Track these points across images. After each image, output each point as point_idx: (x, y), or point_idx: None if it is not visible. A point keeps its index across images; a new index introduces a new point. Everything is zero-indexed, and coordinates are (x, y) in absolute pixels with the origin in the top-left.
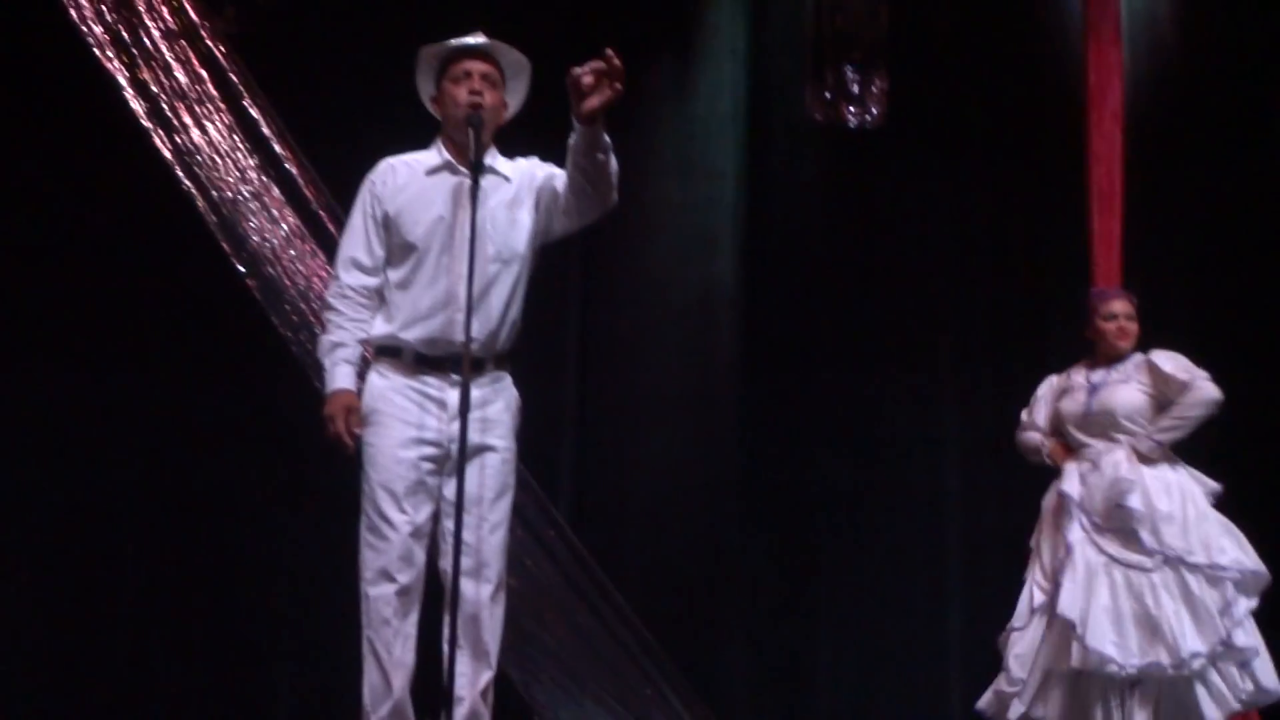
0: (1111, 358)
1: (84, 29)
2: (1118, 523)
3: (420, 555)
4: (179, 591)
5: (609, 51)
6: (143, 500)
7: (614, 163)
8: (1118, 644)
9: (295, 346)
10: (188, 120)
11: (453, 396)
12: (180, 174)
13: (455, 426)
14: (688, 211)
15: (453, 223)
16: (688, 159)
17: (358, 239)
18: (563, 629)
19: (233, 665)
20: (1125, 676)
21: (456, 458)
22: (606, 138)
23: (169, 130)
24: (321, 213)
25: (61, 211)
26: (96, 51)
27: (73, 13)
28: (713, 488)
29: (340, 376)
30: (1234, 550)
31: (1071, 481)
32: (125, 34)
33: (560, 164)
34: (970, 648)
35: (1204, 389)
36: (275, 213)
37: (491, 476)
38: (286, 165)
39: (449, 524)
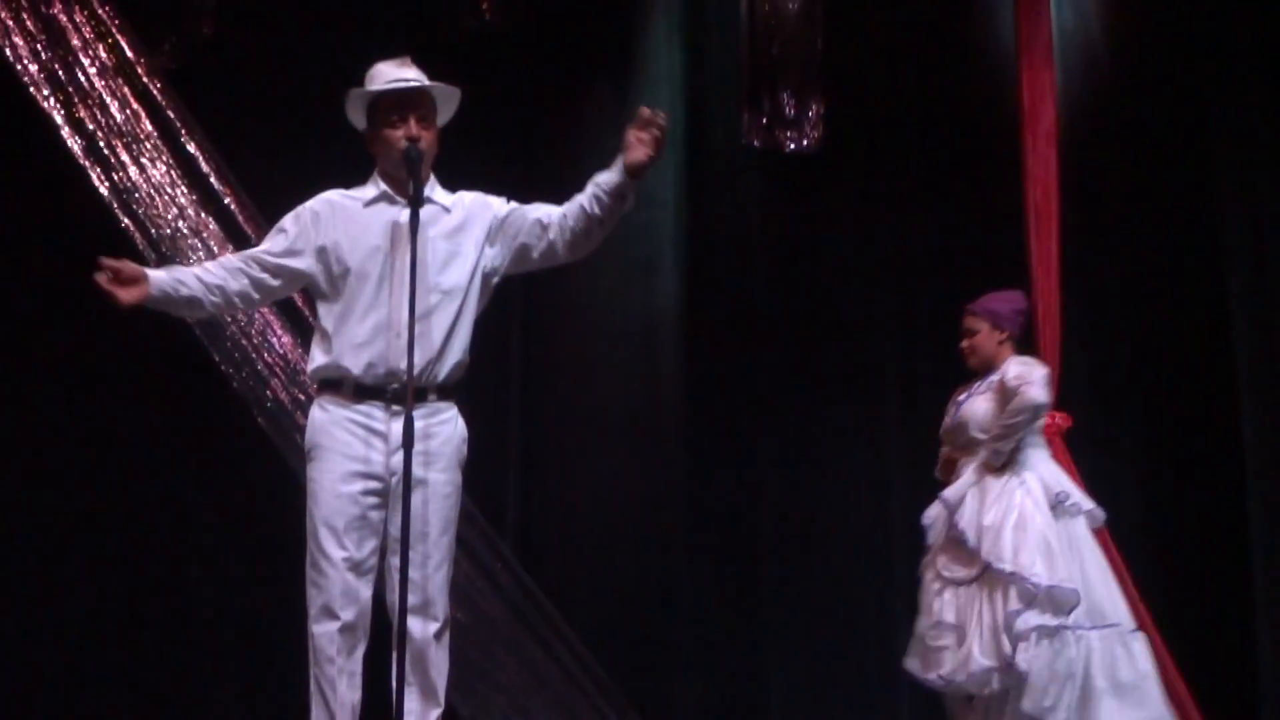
0: (982, 371)
1: (18, 67)
2: (955, 535)
3: (364, 591)
4: (124, 634)
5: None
6: (83, 533)
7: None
8: (921, 659)
9: (236, 382)
10: (125, 158)
11: (395, 428)
12: (118, 211)
13: (397, 459)
14: (628, 238)
15: (390, 252)
16: None
17: (277, 235)
18: (512, 663)
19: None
20: (951, 691)
21: (399, 491)
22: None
23: (106, 168)
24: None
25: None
26: (31, 90)
27: (6, 51)
28: (659, 516)
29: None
30: (1038, 564)
31: (930, 508)
32: (60, 72)
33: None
34: None
35: (1025, 394)
36: (215, 249)
37: (435, 511)
38: (225, 201)
39: (394, 560)
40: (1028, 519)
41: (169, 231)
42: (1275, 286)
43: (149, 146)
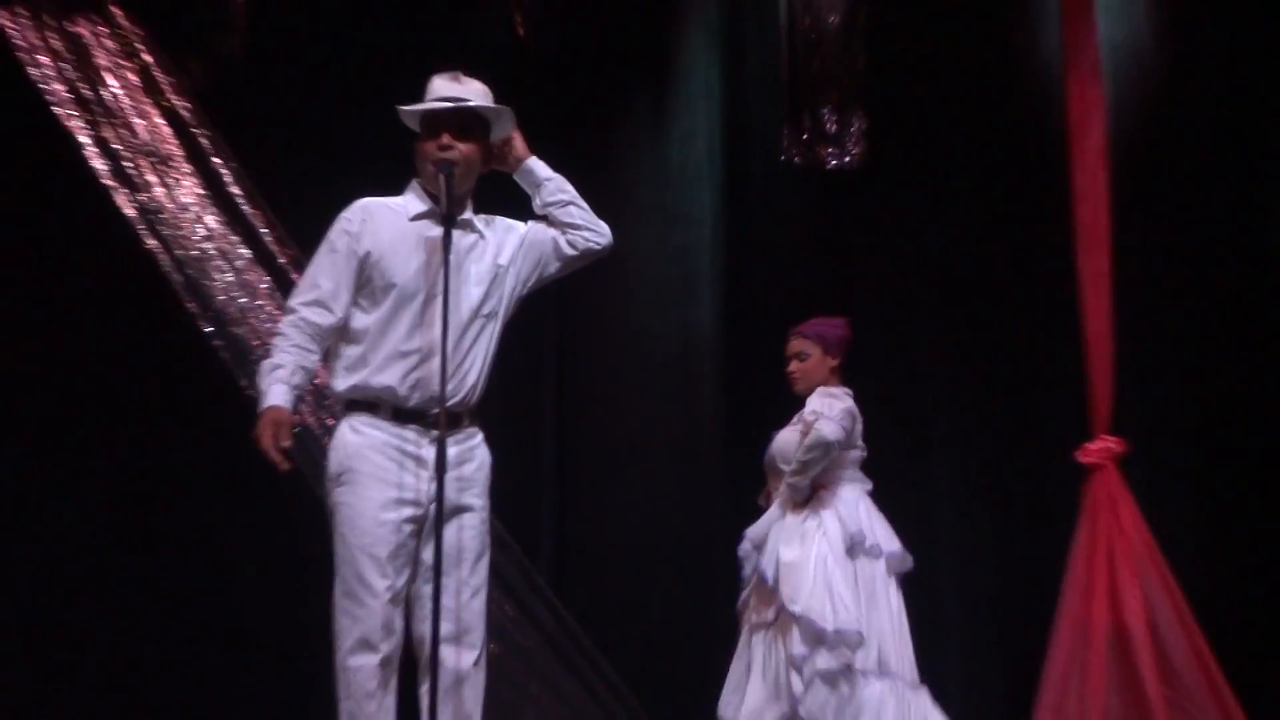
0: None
1: (44, 86)
2: (759, 574)
3: (400, 622)
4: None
5: None
6: (112, 560)
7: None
8: (734, 706)
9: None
10: (151, 178)
11: (431, 453)
12: (144, 232)
13: (434, 486)
14: (665, 259)
15: (435, 272)
16: (664, 205)
17: (324, 272)
18: (547, 698)
19: None
20: None
21: (434, 518)
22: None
23: (133, 188)
24: (289, 268)
25: (23, 272)
26: (57, 109)
27: (31, 71)
28: (699, 544)
29: (274, 395)
30: (826, 606)
31: (743, 543)
32: (86, 91)
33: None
34: (967, 701)
35: (817, 430)
36: (243, 272)
37: (470, 538)
38: (253, 222)
39: (425, 588)
40: (819, 560)
41: (196, 253)
42: None
43: (176, 167)
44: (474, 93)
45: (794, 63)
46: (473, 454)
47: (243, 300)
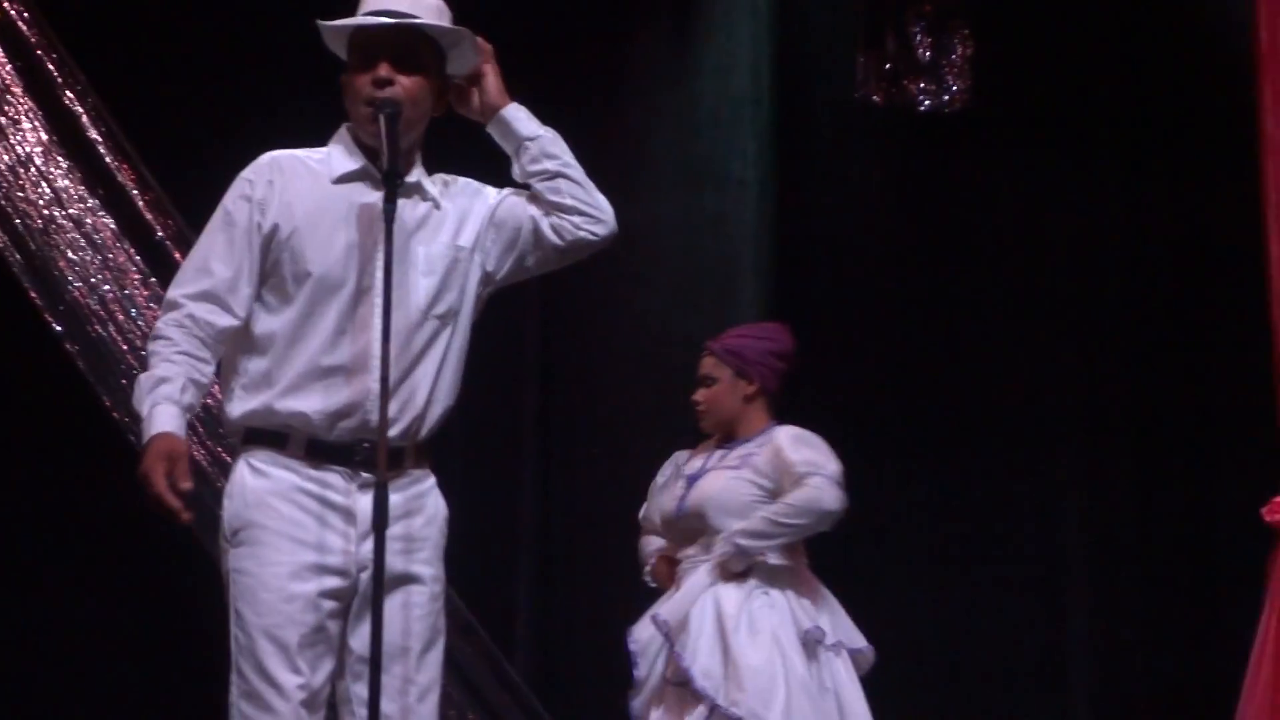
0: (721, 435)
1: None
2: (678, 674)
3: None
4: None
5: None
6: None
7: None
8: None
9: (133, 434)
10: None
11: (362, 503)
12: None
13: (366, 548)
14: (692, 235)
15: (373, 255)
16: (691, 161)
17: (217, 255)
18: None
19: None
20: None
21: (369, 592)
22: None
23: None
24: (170, 245)
25: None
26: None
27: None
28: None
29: (161, 419)
30: (774, 711)
31: (639, 628)
32: None
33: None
34: None
35: (818, 493)
36: (108, 249)
37: (419, 619)
38: (121, 180)
39: (359, 689)
40: (773, 652)
41: (39, 223)
42: None
43: (12, 103)
44: (424, 8)
45: None
46: (422, 504)
47: (106, 289)
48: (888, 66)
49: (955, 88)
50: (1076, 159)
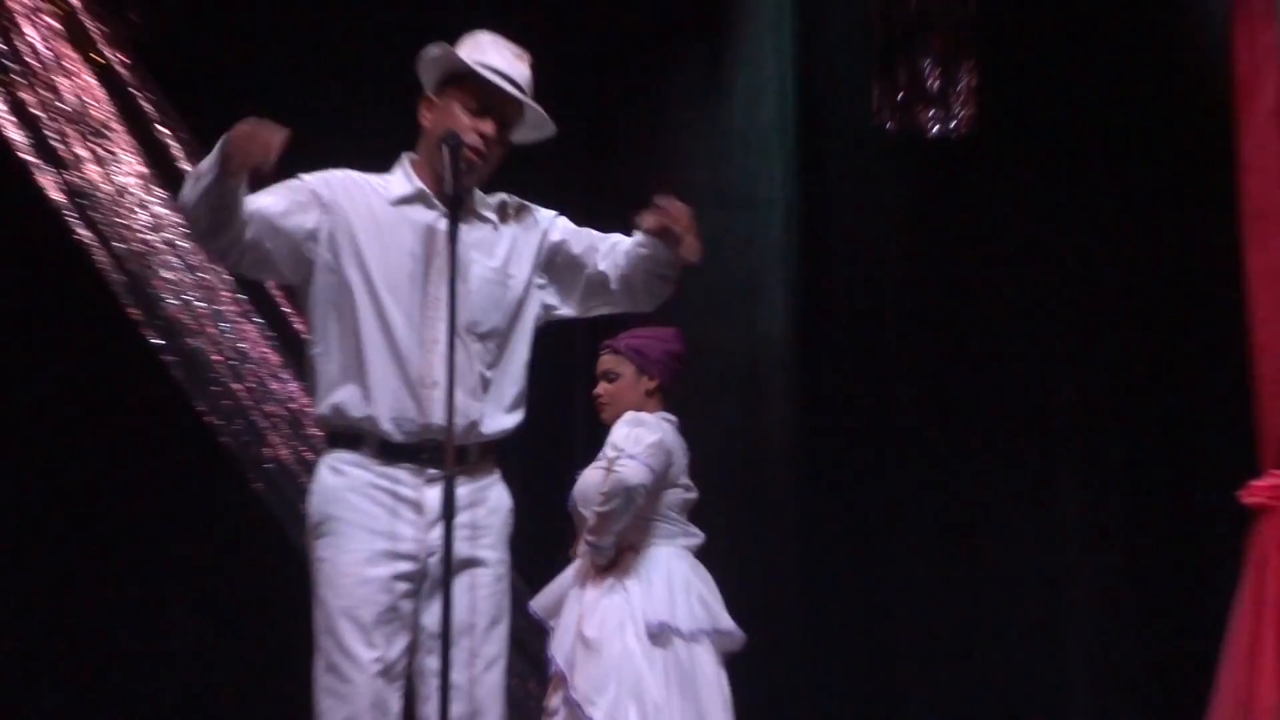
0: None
1: None
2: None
3: (394, 702)
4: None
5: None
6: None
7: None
8: None
9: (227, 437)
10: (81, 153)
11: (430, 497)
12: (73, 220)
13: (435, 535)
14: (724, 252)
15: (427, 271)
16: (723, 183)
17: (277, 197)
18: None
19: None
20: None
21: (438, 575)
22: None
23: (58, 166)
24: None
25: None
26: None
27: None
28: (768, 597)
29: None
30: (603, 697)
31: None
32: None
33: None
34: None
35: (616, 472)
36: (197, 268)
37: (484, 598)
38: None
39: (431, 661)
40: (625, 655)
41: (140, 246)
42: None
43: (113, 138)
44: (526, 80)
45: (887, 4)
46: (485, 496)
47: (199, 305)
48: (900, 96)
49: (961, 115)
50: (1071, 179)
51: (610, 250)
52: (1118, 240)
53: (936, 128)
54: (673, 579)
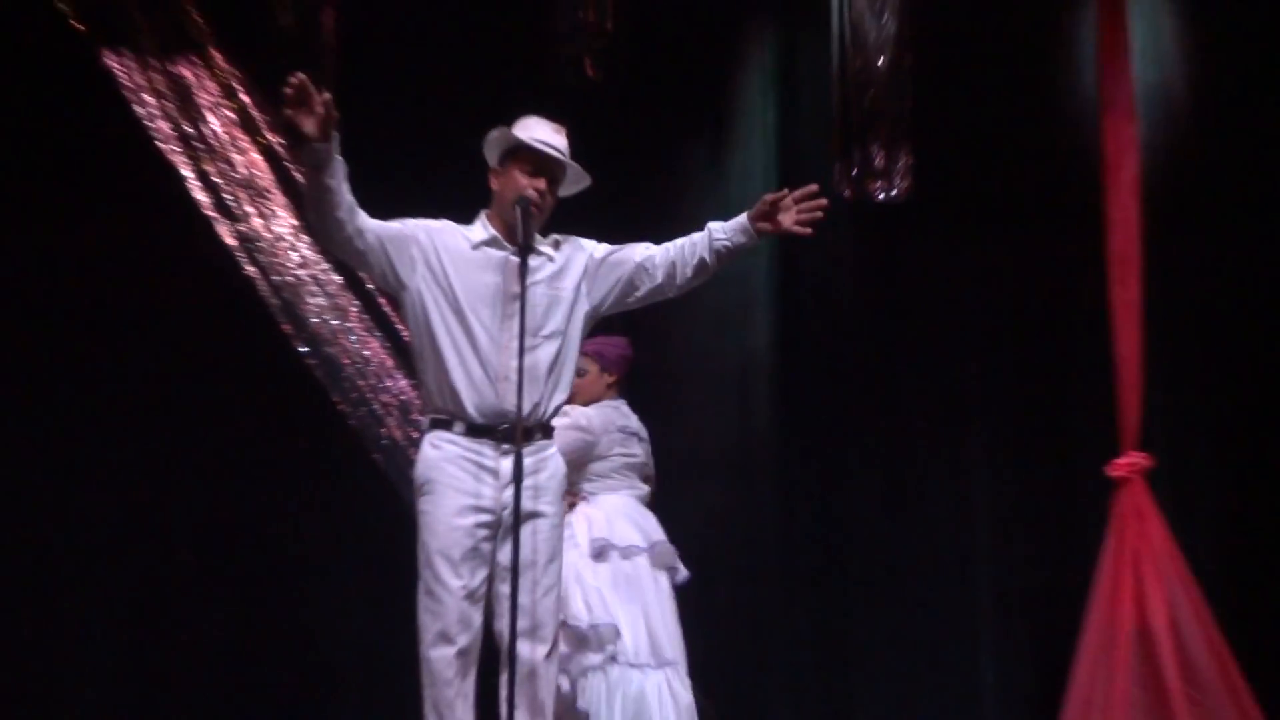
0: None
1: (148, 125)
2: None
3: (476, 618)
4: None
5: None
6: (208, 560)
7: None
8: None
9: (354, 420)
10: (249, 210)
11: (505, 465)
12: (243, 260)
13: (508, 494)
14: (724, 284)
15: (500, 297)
16: None
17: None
18: None
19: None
20: None
21: (509, 524)
22: None
23: (231, 219)
24: (378, 295)
25: (134, 298)
26: (162, 145)
27: (137, 110)
28: (752, 548)
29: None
30: (575, 605)
31: None
32: (188, 129)
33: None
34: (1001, 698)
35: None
36: (335, 296)
37: (543, 542)
38: None
39: (503, 588)
40: (569, 567)
41: (291, 279)
42: None
43: (271, 198)
44: (565, 147)
45: (844, 102)
46: (545, 464)
47: (334, 323)
48: (854, 171)
49: (900, 186)
50: (982, 233)
51: (669, 268)
52: (1015, 278)
53: (881, 196)
54: (611, 513)
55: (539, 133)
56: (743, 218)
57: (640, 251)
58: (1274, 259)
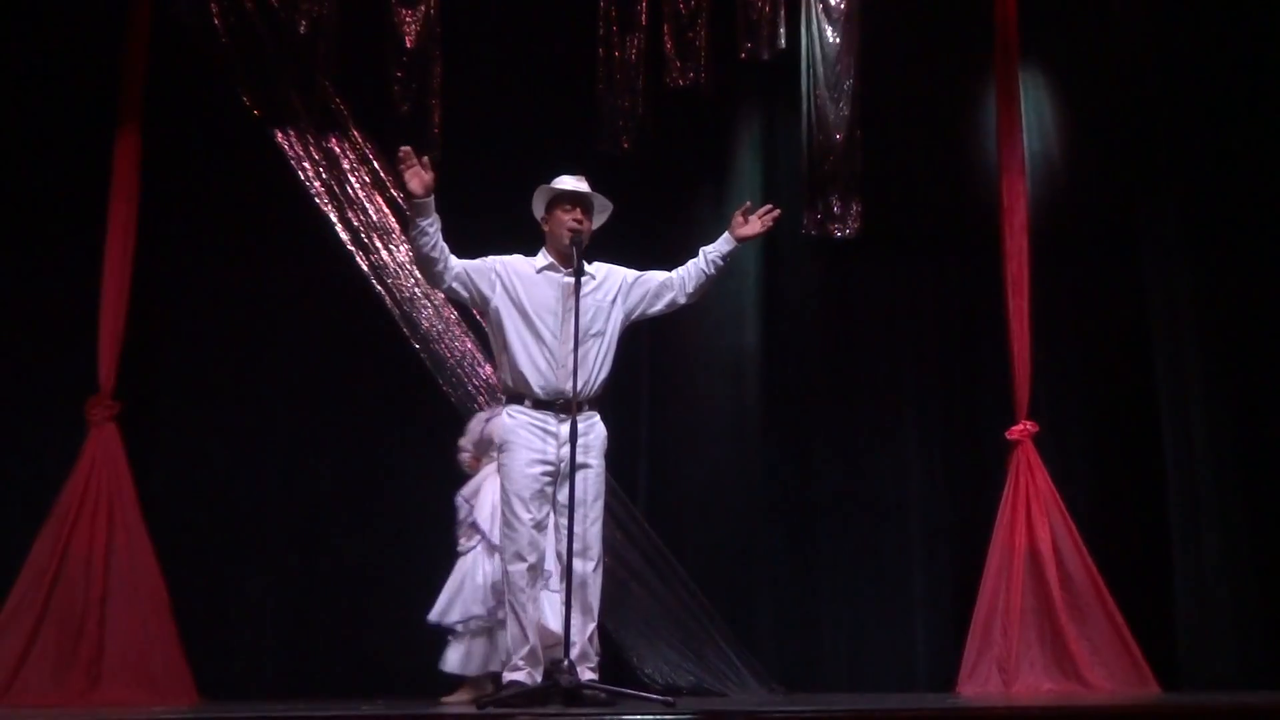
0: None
1: (306, 184)
2: (470, 520)
3: (543, 542)
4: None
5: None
6: (348, 513)
7: None
8: (445, 607)
9: (454, 399)
10: (379, 245)
11: (563, 429)
12: (374, 283)
13: (565, 451)
14: (723, 300)
15: (559, 307)
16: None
17: (473, 262)
18: (641, 591)
19: None
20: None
21: (567, 473)
22: None
23: (366, 252)
24: (472, 307)
25: (294, 312)
26: (316, 199)
27: (298, 172)
28: (744, 494)
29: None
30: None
31: (463, 488)
32: (335, 187)
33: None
34: (929, 603)
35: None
36: (440, 308)
37: (591, 485)
38: None
39: (562, 520)
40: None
41: (408, 295)
42: (1181, 329)
43: (395, 238)
44: (588, 188)
45: (812, 165)
46: (592, 429)
47: (439, 327)
48: (818, 216)
49: (853, 227)
50: (913, 260)
51: (679, 284)
52: (937, 294)
53: (839, 235)
54: None
55: (568, 183)
56: (725, 234)
57: (660, 275)
58: (1127, 282)
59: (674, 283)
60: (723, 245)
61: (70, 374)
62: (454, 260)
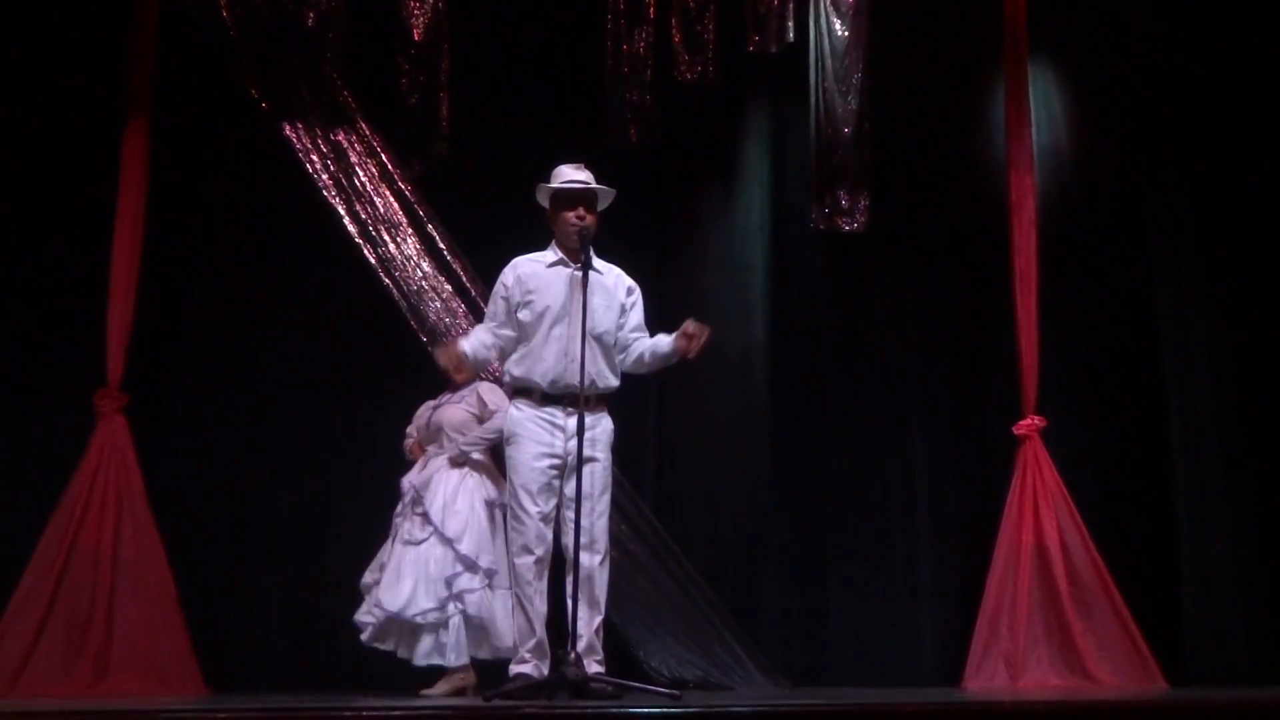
0: (457, 387)
1: (314, 175)
2: (420, 508)
3: (549, 535)
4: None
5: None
6: (357, 490)
7: None
8: (386, 599)
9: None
10: (386, 238)
11: (570, 423)
12: (382, 275)
13: (573, 444)
14: (732, 294)
15: (568, 303)
16: (730, 257)
17: (498, 312)
18: (648, 586)
19: None
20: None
21: (574, 466)
22: None
23: (373, 244)
24: (479, 300)
25: (302, 303)
26: (324, 192)
27: (306, 165)
28: (752, 488)
29: (459, 340)
30: (468, 541)
31: (410, 475)
32: (343, 179)
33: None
34: (935, 598)
35: (497, 420)
36: (448, 300)
37: (598, 479)
38: (455, 268)
39: (569, 513)
40: (477, 505)
41: (416, 288)
42: (1190, 324)
43: (402, 230)
44: (590, 178)
45: (820, 159)
46: (599, 422)
47: (447, 320)
48: (826, 210)
49: (860, 221)
50: (920, 253)
51: (637, 344)
52: (945, 288)
53: (847, 228)
54: (494, 474)
55: (568, 175)
56: (672, 337)
57: (636, 335)
58: (1136, 276)
59: (632, 351)
60: (666, 346)
61: (78, 366)
62: (490, 337)
